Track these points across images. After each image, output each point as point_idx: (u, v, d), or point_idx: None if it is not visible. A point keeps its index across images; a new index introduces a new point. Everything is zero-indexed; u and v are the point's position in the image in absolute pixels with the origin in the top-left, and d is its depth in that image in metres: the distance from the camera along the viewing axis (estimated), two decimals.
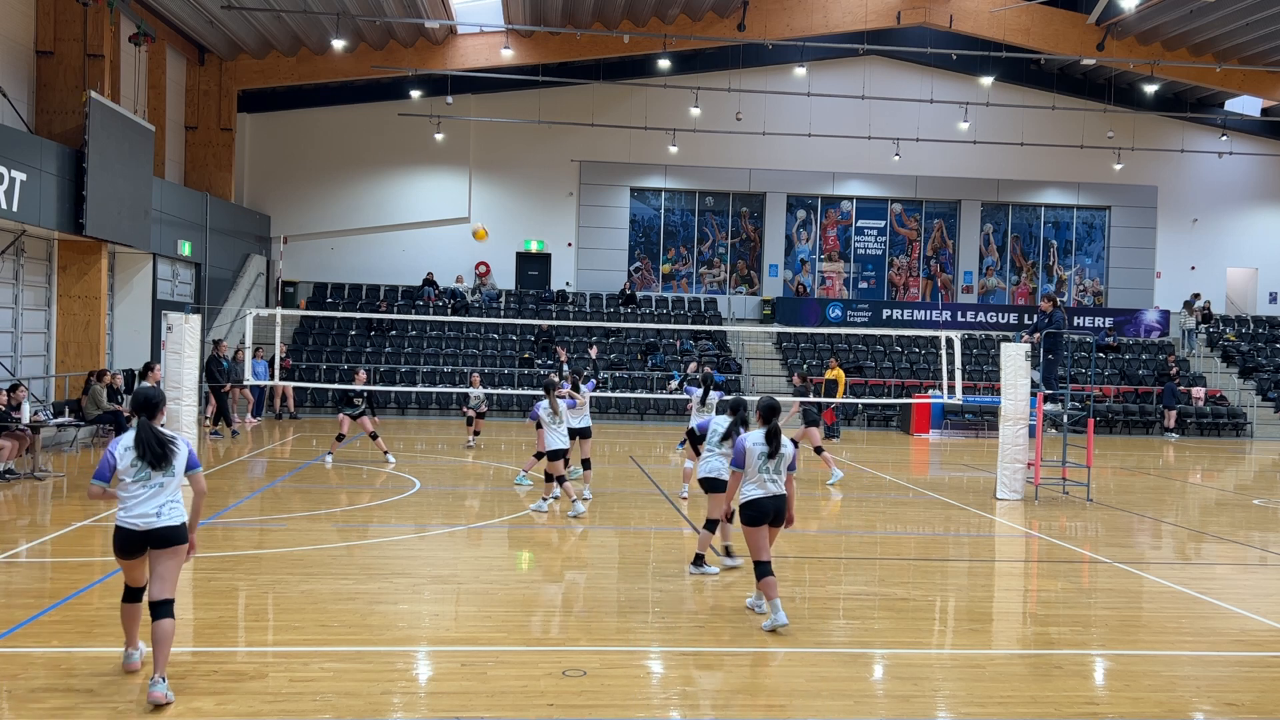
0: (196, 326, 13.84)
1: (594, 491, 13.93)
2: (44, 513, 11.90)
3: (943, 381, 18.73)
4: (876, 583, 9.37)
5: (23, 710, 5.69)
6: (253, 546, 10.13)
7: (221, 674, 6.33)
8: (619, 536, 11.44)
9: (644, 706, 6.03)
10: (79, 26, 19.39)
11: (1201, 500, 16.36)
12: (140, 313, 22.67)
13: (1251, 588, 9.84)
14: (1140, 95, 32.52)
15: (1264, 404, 29.40)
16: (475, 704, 5.94)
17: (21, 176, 16.54)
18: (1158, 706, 6.27)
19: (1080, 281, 34.82)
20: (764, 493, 7.79)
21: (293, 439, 20.76)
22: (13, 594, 8.12)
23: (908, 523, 12.77)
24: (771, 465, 7.81)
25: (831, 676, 6.66)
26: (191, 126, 27.60)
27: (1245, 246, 34.87)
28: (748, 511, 7.84)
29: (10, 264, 18.71)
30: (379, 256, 31.87)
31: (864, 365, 29.98)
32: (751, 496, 7.82)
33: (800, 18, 28.62)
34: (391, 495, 13.63)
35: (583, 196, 32.55)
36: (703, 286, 33.57)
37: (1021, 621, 8.36)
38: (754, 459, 7.81)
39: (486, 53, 28.56)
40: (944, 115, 31.01)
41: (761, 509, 7.79)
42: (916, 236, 34.16)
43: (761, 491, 7.79)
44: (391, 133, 31.08)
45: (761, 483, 7.80)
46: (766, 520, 7.80)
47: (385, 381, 26.96)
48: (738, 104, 30.36)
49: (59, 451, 17.44)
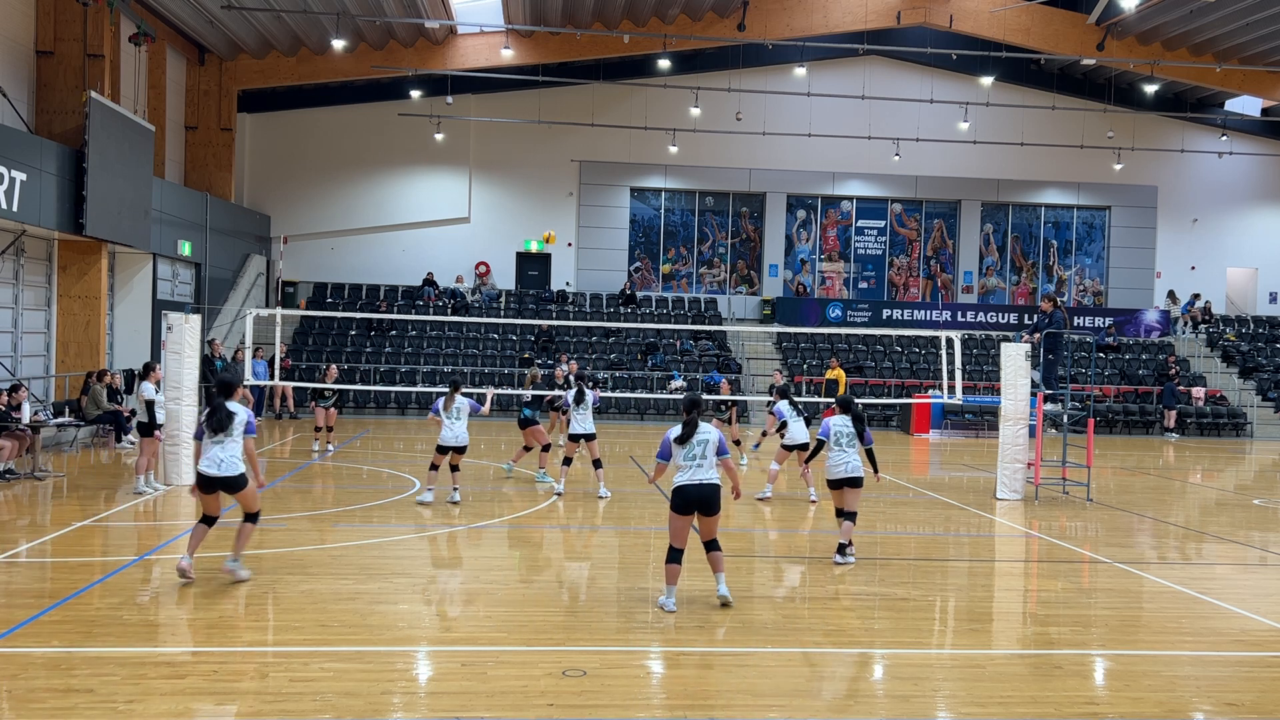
0: (196, 326, 13.84)
1: (593, 491, 13.96)
2: (44, 513, 11.89)
3: (943, 381, 18.73)
4: (876, 583, 9.36)
5: (23, 710, 5.68)
6: (253, 546, 10.12)
7: (221, 674, 6.33)
8: (619, 536, 11.44)
9: (644, 706, 6.03)
10: (79, 26, 19.39)
11: (1201, 500, 16.36)
12: (140, 313, 22.67)
13: (1251, 588, 9.84)
14: (1140, 95, 32.52)
15: (1264, 404, 29.40)
16: (475, 704, 5.94)
17: (21, 176, 16.54)
18: (1158, 706, 6.27)
19: (1080, 281, 34.82)
20: (690, 480, 8.02)
21: (293, 439, 20.76)
22: (13, 594, 8.12)
23: (908, 523, 12.77)
24: (696, 452, 8.06)
25: (831, 676, 6.66)
26: (191, 126, 27.60)
27: (1245, 246, 34.88)
28: (675, 498, 8.04)
29: (10, 264, 18.71)
30: (379, 256, 31.87)
31: (864, 365, 29.98)
32: (679, 483, 8.05)
33: (800, 18, 28.62)
34: (391, 495, 13.63)
35: (583, 196, 32.55)
36: (703, 286, 33.57)
37: (1022, 621, 8.36)
38: (679, 449, 8.16)
39: (486, 53, 28.56)
40: (944, 115, 31.01)
41: (686, 496, 7.99)
42: (916, 236, 34.16)
43: (688, 479, 8.02)
44: (391, 133, 31.09)
45: (690, 470, 8.05)
46: (693, 508, 8.02)
47: (385, 381, 26.97)
48: (738, 104, 30.36)
49: (59, 451, 17.44)
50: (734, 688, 6.39)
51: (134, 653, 6.70)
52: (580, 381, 14.85)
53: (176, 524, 11.23)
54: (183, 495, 12.92)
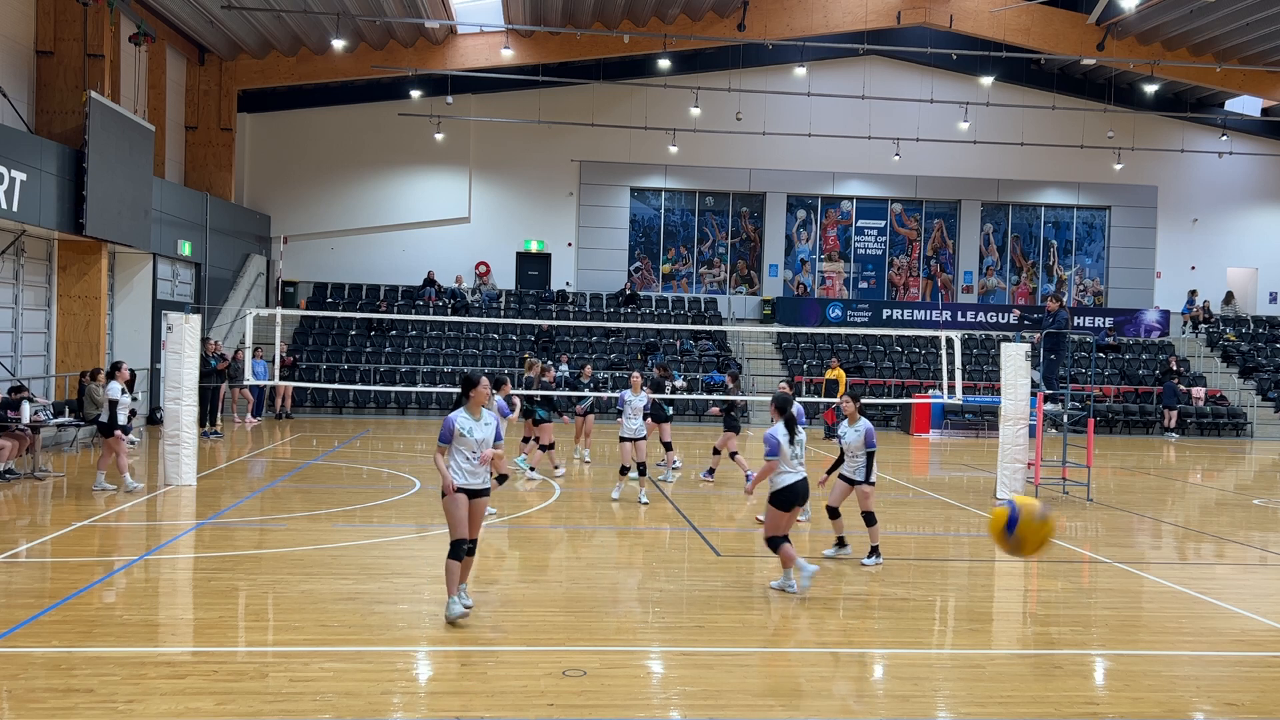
0: (196, 326, 13.84)
1: (594, 491, 13.97)
2: (44, 513, 11.89)
3: (943, 381, 18.73)
4: (876, 583, 9.37)
5: (23, 710, 5.69)
6: (253, 546, 10.13)
7: (221, 674, 6.33)
8: (619, 536, 11.44)
9: (644, 706, 6.03)
10: (79, 26, 19.38)
11: (1201, 500, 16.36)
12: (140, 313, 22.66)
13: (1251, 588, 9.84)
14: (1140, 95, 32.52)
15: (1264, 404, 29.40)
16: (475, 704, 5.94)
17: (21, 176, 16.53)
18: (1158, 706, 6.27)
19: (1080, 281, 34.81)
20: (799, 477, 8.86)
21: (293, 439, 20.76)
22: (13, 594, 8.12)
23: (908, 523, 12.77)
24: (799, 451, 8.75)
25: (831, 676, 6.66)
26: (191, 126, 27.59)
27: (1245, 246, 34.87)
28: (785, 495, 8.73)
29: (10, 264, 18.70)
30: (379, 256, 31.87)
31: (864, 365, 29.97)
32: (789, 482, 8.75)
33: (800, 18, 28.61)
34: (391, 495, 13.63)
35: (583, 196, 32.54)
36: (703, 286, 33.57)
37: (1021, 621, 8.36)
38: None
39: (486, 53, 28.56)
40: (944, 115, 31.00)
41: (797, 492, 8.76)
42: (916, 236, 34.16)
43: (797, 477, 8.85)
44: (391, 133, 31.08)
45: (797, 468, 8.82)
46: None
47: (385, 381, 26.97)
48: (738, 104, 30.36)
49: (59, 451, 17.44)
50: (734, 688, 6.39)
51: (134, 653, 6.71)
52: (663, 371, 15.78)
53: (177, 524, 11.23)
54: (182, 494, 12.93)
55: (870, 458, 10.07)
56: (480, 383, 7.86)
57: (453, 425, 7.69)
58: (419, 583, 8.81)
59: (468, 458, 7.73)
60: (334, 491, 13.85)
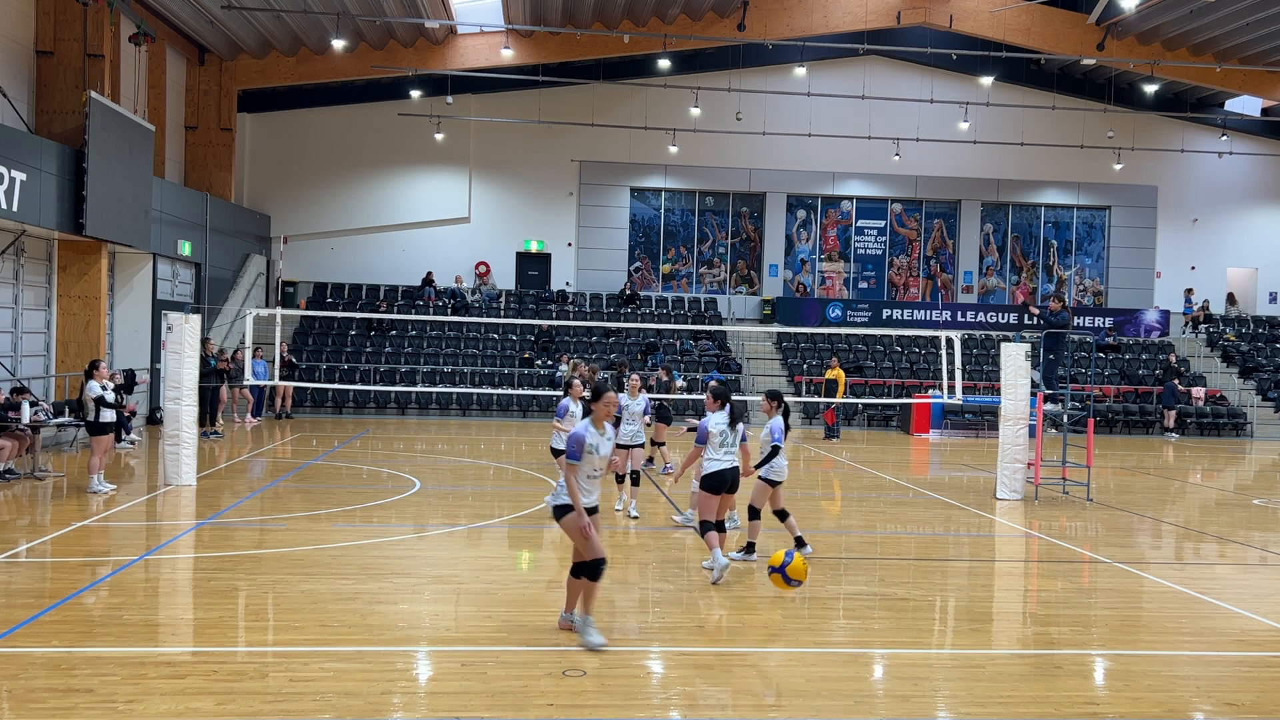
0: (196, 326, 13.83)
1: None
2: (44, 513, 11.89)
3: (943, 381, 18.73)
4: (876, 583, 9.37)
5: (23, 710, 5.69)
6: (253, 546, 10.13)
7: (221, 674, 6.33)
8: (619, 536, 11.43)
9: (644, 706, 6.03)
10: (79, 26, 19.38)
11: (1201, 500, 16.36)
12: (140, 313, 22.66)
13: (1251, 588, 9.84)
14: (1140, 95, 32.52)
15: (1264, 404, 29.40)
16: (475, 704, 5.94)
17: (21, 176, 16.53)
18: (1158, 706, 6.27)
19: (1080, 281, 34.82)
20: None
21: (292, 439, 20.76)
22: (13, 594, 8.12)
23: (908, 523, 12.77)
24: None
25: (831, 676, 6.66)
26: (191, 126, 27.59)
27: (1245, 246, 34.87)
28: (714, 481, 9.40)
29: (10, 264, 18.70)
30: (379, 256, 31.87)
31: (864, 365, 29.98)
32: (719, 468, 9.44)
33: (800, 18, 28.62)
34: (391, 495, 13.63)
35: (583, 196, 32.55)
36: (703, 286, 33.57)
37: (1021, 621, 8.36)
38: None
39: (486, 53, 28.56)
40: (944, 115, 31.01)
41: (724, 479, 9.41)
42: (916, 236, 34.16)
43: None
44: (391, 133, 31.08)
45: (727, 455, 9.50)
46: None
47: (385, 381, 26.97)
48: (738, 104, 30.36)
49: (59, 451, 17.44)
50: (734, 688, 6.39)
51: (134, 653, 6.71)
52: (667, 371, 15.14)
53: (177, 524, 11.23)
54: (182, 494, 12.94)
55: (774, 451, 9.80)
56: (608, 393, 7.27)
57: (583, 441, 7.11)
58: (419, 583, 8.80)
59: (590, 475, 7.20)
60: (334, 491, 13.85)
